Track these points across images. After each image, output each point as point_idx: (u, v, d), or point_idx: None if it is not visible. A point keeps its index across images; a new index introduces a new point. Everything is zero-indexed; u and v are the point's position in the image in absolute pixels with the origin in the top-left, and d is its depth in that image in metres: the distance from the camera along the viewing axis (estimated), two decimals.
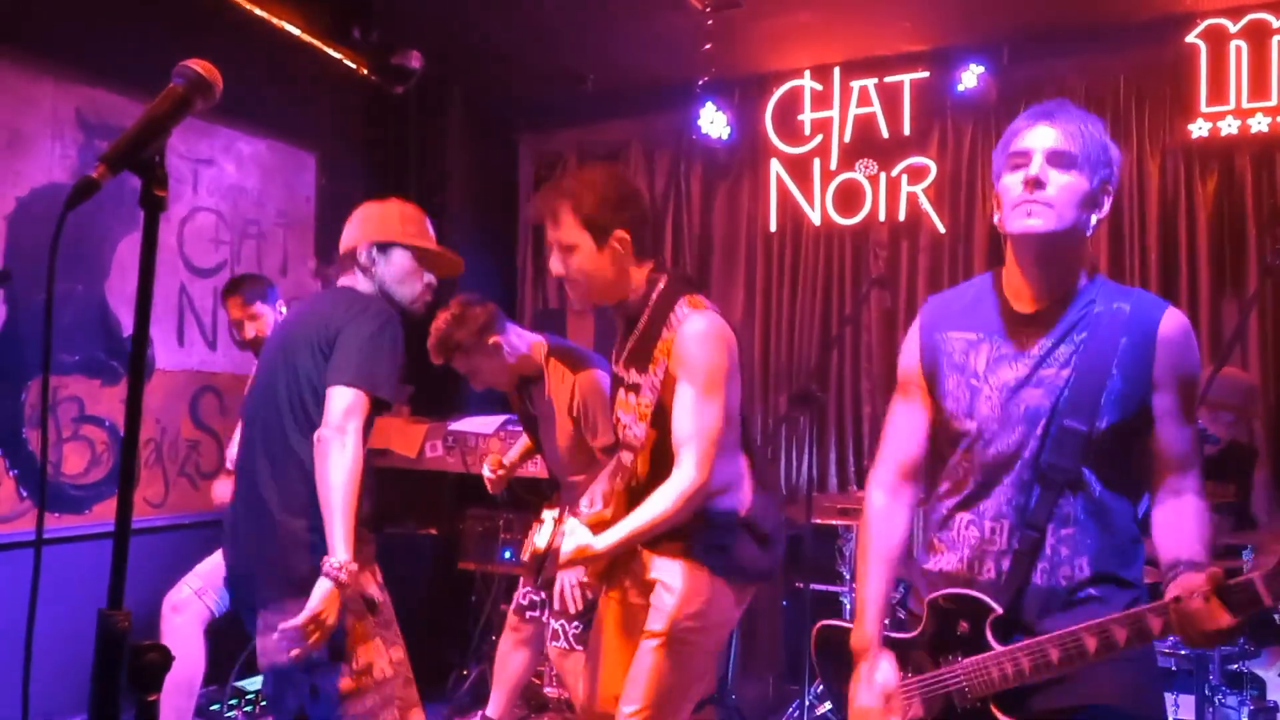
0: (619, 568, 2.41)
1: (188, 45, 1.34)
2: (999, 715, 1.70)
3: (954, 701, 1.76)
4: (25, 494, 3.78)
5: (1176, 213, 4.45)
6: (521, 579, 3.70)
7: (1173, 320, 1.74)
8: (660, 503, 2.12)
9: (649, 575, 2.31)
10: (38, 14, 3.81)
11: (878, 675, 1.84)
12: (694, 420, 2.13)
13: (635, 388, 2.25)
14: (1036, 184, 1.70)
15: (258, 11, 4.49)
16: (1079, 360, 1.72)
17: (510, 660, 3.69)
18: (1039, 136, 1.74)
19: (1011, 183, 1.74)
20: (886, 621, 1.90)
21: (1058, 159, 1.71)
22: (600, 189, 2.24)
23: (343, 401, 2.25)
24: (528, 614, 3.60)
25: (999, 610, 1.72)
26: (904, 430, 1.97)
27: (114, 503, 3.82)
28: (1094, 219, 1.75)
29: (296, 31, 4.69)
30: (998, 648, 1.71)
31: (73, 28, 3.88)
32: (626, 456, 2.20)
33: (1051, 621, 1.69)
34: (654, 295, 2.27)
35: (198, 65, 1.31)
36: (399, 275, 2.52)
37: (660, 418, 2.18)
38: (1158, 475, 1.74)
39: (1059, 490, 1.71)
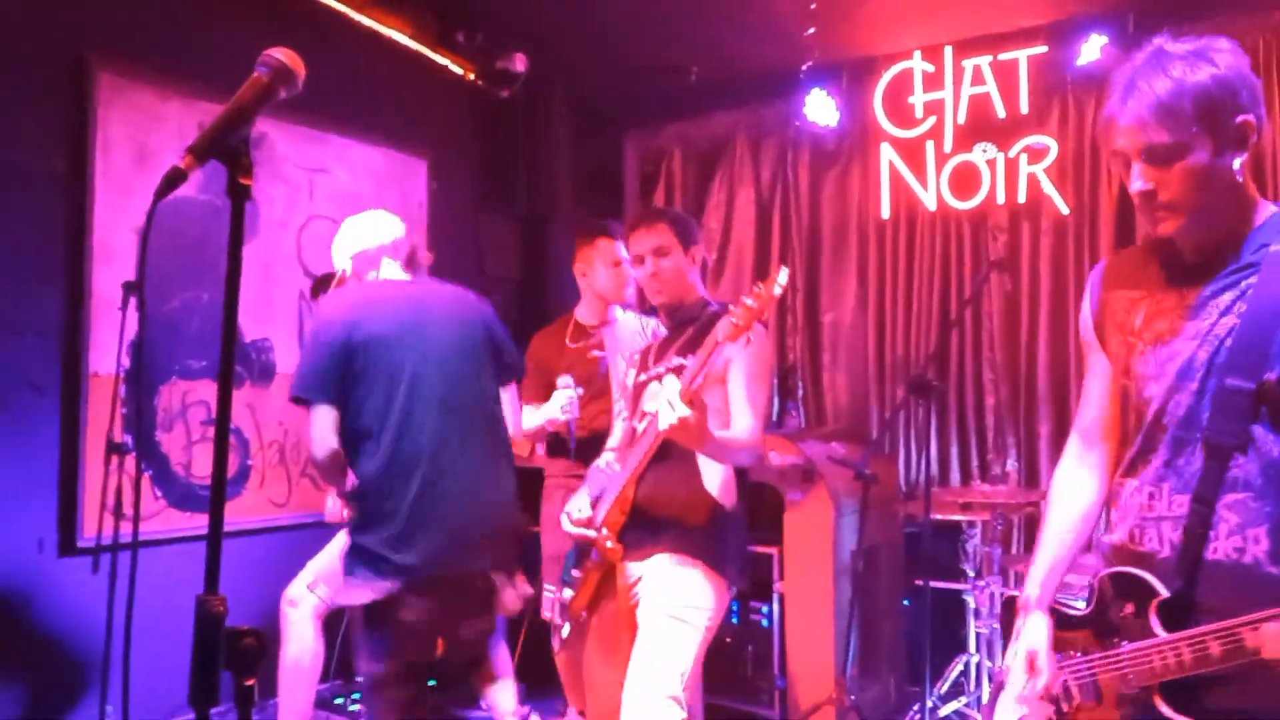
0: (605, 583, 2.73)
1: (300, 57, 1.34)
2: (1162, 709, 1.56)
3: (1117, 688, 1.64)
4: (160, 493, 3.95)
5: None
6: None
7: None
8: (740, 434, 2.52)
9: (631, 579, 2.63)
10: (165, 34, 3.98)
11: (1025, 635, 1.77)
12: (749, 394, 2.58)
13: (680, 368, 2.60)
14: (1149, 196, 1.56)
15: (366, 22, 4.60)
16: (1246, 308, 1.56)
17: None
18: (1126, 136, 1.56)
19: (1128, 182, 1.61)
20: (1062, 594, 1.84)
21: (1158, 155, 1.54)
22: (686, 216, 2.92)
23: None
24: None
25: (1164, 594, 1.58)
26: (1087, 394, 1.88)
27: (241, 502, 3.97)
28: (1237, 162, 1.57)
29: (404, 39, 4.79)
30: (1161, 634, 1.57)
31: (197, 46, 4.05)
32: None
33: (1222, 604, 1.52)
34: (710, 303, 2.80)
35: (281, 54, 1.32)
36: None
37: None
38: None
39: (1227, 456, 1.55)
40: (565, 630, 2.80)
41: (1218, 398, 1.56)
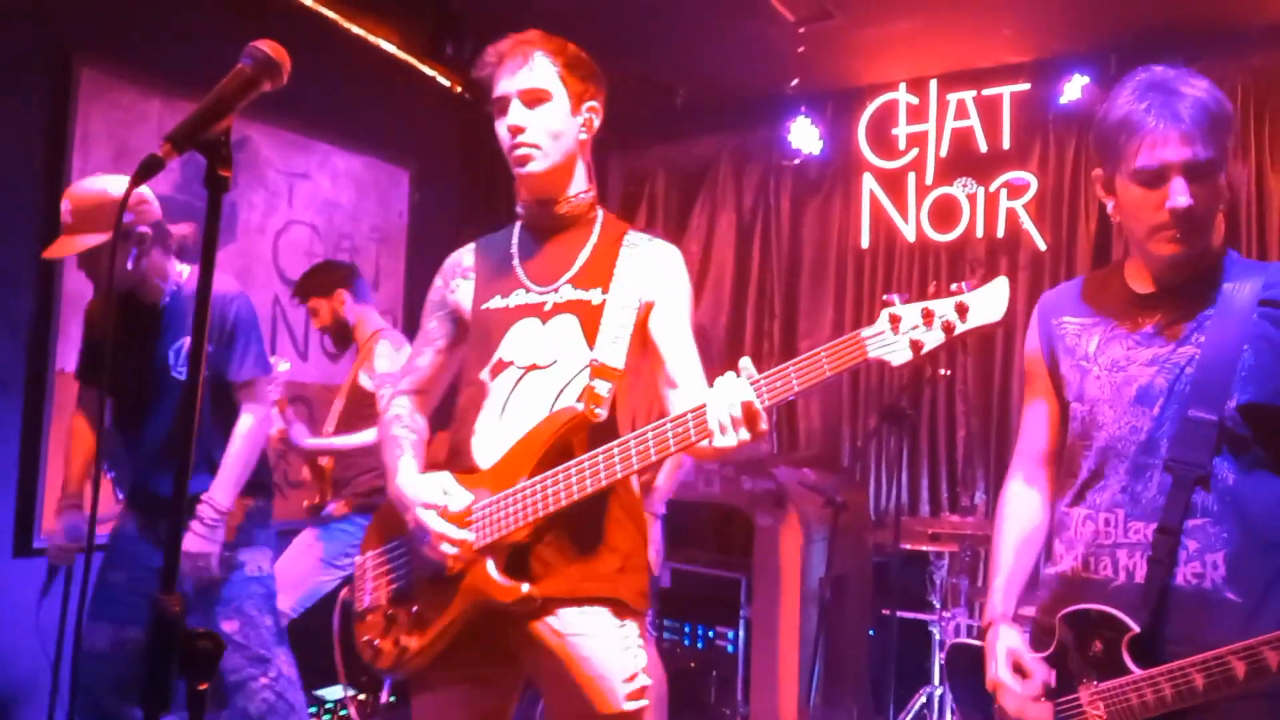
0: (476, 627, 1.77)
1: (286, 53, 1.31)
2: None
3: None
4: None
5: None
6: None
7: None
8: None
9: (558, 631, 1.75)
10: (148, 33, 3.95)
11: (1001, 643, 1.73)
12: (693, 353, 1.83)
13: (582, 305, 1.82)
14: (1187, 215, 1.54)
15: (355, 30, 4.60)
16: (1205, 341, 1.58)
17: None
18: (1174, 148, 1.52)
19: (1147, 202, 1.57)
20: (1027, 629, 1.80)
21: (1199, 171, 1.54)
22: (579, 49, 1.91)
23: None
24: None
25: (1135, 629, 1.56)
26: (1030, 422, 1.88)
27: None
28: (1226, 193, 1.61)
29: (392, 49, 4.79)
30: (1136, 671, 1.55)
31: (182, 46, 4.01)
32: (602, 386, 1.75)
33: (1185, 631, 1.52)
34: (599, 209, 1.95)
35: (266, 46, 1.29)
36: None
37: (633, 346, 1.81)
38: None
39: (1190, 486, 1.55)
40: (385, 692, 1.94)
41: (1181, 428, 1.57)
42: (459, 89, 5.17)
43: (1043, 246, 4.64)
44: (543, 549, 1.75)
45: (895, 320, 1.50)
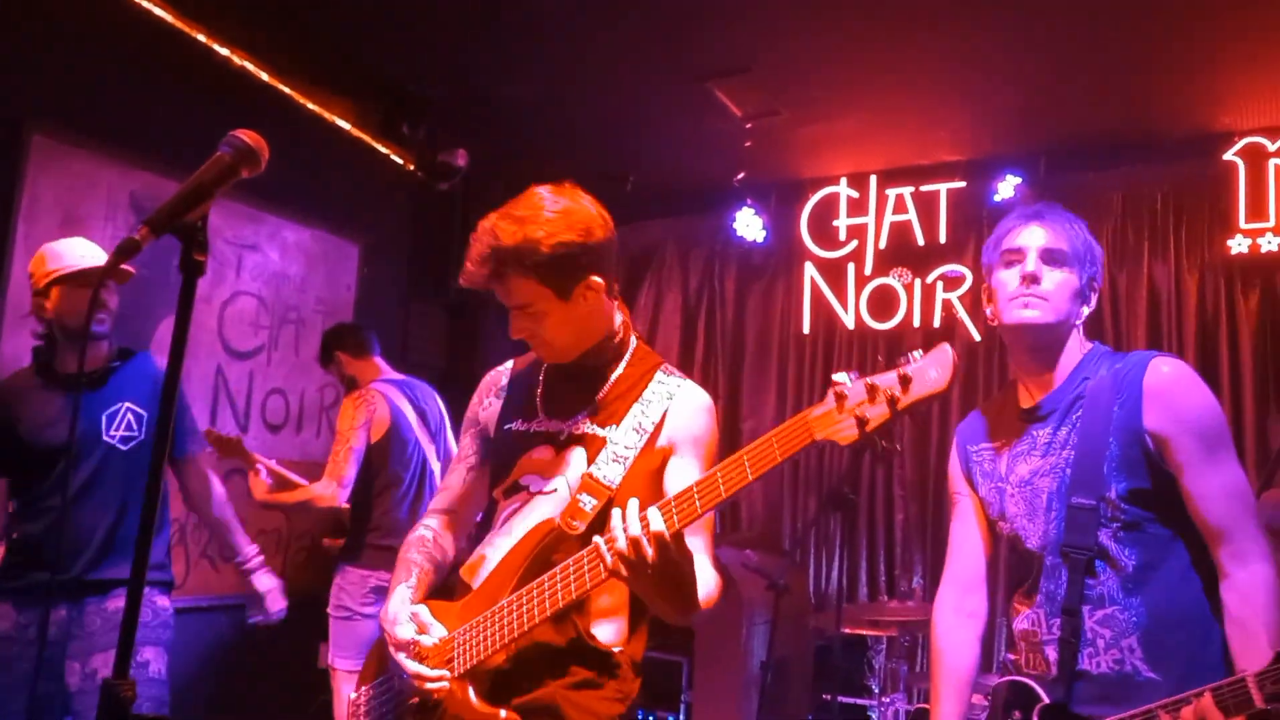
0: None
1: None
2: None
3: None
4: None
5: (1217, 329, 4.40)
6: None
7: (1159, 368, 1.71)
8: (706, 587, 1.65)
9: None
10: (102, 103, 3.96)
11: None
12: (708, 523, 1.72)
13: (593, 439, 1.79)
14: (1033, 280, 1.77)
15: (310, 106, 4.65)
16: (1078, 437, 1.74)
17: None
18: (1032, 235, 1.83)
19: (1007, 278, 1.82)
20: None
21: (1050, 256, 1.80)
22: (553, 231, 1.75)
23: None
24: None
25: (1045, 700, 1.69)
26: (960, 542, 2.00)
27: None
28: (1084, 311, 1.83)
29: (347, 126, 4.84)
30: None
31: (137, 117, 4.02)
32: (587, 500, 1.72)
33: (1103, 711, 1.63)
34: (629, 345, 1.89)
35: (245, 135, 1.33)
36: None
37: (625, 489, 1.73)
38: (1211, 541, 1.65)
39: (1085, 570, 1.69)
40: None
41: (1068, 518, 1.72)
42: (412, 168, 5.24)
43: (978, 338, 4.81)
44: (523, 668, 1.71)
45: (841, 399, 1.47)
